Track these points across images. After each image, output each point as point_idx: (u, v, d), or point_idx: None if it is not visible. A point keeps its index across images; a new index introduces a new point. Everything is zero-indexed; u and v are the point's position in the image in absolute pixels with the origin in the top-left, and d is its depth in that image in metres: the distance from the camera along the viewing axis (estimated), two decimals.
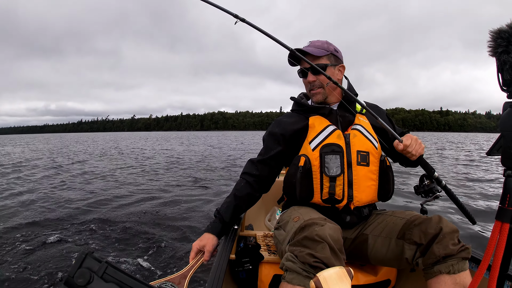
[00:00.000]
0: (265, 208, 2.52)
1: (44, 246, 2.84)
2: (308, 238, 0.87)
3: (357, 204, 1.16)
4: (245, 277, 1.31)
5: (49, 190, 5.69)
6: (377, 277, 1.28)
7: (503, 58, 0.66)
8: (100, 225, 3.47)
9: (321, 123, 1.20)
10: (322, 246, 0.84)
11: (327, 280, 0.77)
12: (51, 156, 13.87)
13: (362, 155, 1.15)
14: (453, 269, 0.91)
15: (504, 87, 0.69)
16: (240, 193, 1.25)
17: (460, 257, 0.92)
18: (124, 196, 5.06)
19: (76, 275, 0.55)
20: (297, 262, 0.84)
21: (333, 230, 0.90)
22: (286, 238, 1.04)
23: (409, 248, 1.01)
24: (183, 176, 7.26)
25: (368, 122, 1.26)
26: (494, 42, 0.67)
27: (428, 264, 0.94)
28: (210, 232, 1.21)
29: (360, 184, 1.15)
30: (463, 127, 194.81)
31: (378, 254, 1.12)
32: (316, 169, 1.14)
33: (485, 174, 7.21)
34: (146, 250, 2.76)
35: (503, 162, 0.69)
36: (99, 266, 0.56)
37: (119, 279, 0.56)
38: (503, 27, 0.66)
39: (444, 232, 0.94)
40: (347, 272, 0.81)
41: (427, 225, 0.98)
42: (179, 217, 3.78)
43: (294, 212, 1.14)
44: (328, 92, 1.23)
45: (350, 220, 1.18)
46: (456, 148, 16.38)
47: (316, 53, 1.19)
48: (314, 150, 1.15)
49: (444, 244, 0.92)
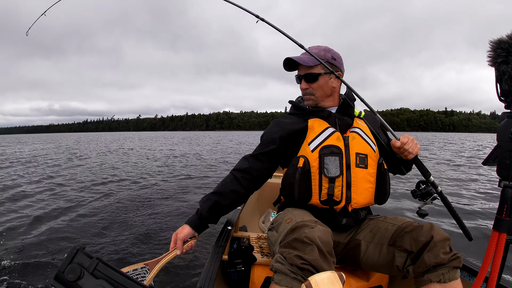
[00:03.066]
0: (260, 210, 2.51)
1: (40, 237, 2.82)
2: (297, 240, 0.87)
3: (355, 206, 1.16)
4: (237, 278, 1.31)
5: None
6: (369, 282, 1.28)
7: (502, 68, 0.66)
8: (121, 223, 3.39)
9: (320, 125, 1.21)
10: (311, 248, 0.84)
11: (318, 284, 0.77)
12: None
13: (361, 157, 1.16)
14: (444, 278, 0.89)
15: (502, 97, 0.69)
16: (223, 188, 1.18)
17: (451, 266, 0.91)
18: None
19: (66, 271, 0.54)
20: (286, 263, 0.84)
21: (323, 232, 0.90)
22: (278, 239, 1.04)
23: (399, 255, 1.01)
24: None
25: (366, 126, 1.27)
26: (494, 52, 0.68)
27: (418, 272, 0.93)
28: (187, 223, 1.17)
29: (358, 186, 1.15)
30: (467, 127, 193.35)
31: (370, 260, 1.12)
32: (315, 170, 1.14)
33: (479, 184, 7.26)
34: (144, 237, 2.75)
35: (499, 172, 0.69)
36: (90, 262, 0.56)
37: (109, 275, 0.56)
38: (503, 38, 0.66)
39: (435, 240, 0.93)
40: (339, 277, 0.81)
41: (418, 232, 0.98)
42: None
43: (288, 214, 1.14)
44: (320, 99, 1.25)
45: (346, 223, 1.18)
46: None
47: (308, 63, 1.21)
48: (314, 151, 1.15)
49: (435, 252, 0.91)
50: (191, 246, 1.16)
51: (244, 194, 1.21)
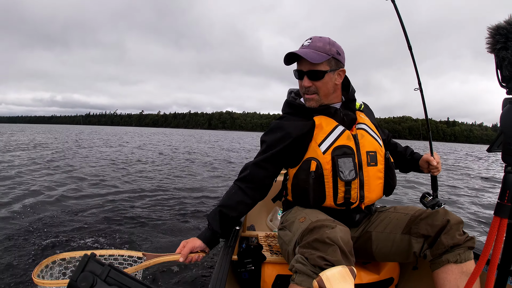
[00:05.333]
0: (267, 209, 2.52)
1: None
2: (318, 240, 0.85)
3: (368, 203, 1.19)
4: (248, 278, 1.31)
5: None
6: (380, 275, 1.28)
7: (502, 54, 0.66)
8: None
9: (328, 123, 1.15)
10: (333, 249, 0.83)
11: (330, 280, 0.77)
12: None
13: (371, 155, 1.16)
14: (460, 258, 0.95)
15: (503, 83, 0.69)
16: (229, 201, 1.16)
17: (466, 247, 0.96)
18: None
19: (79, 279, 0.55)
20: (308, 264, 0.83)
21: (344, 232, 0.89)
22: (292, 238, 1.04)
23: (416, 241, 1.04)
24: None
25: (368, 119, 1.27)
26: (493, 39, 0.67)
27: (436, 254, 0.98)
28: (199, 237, 1.15)
29: (371, 184, 1.16)
30: (469, 138, 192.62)
31: (383, 250, 1.14)
32: (328, 173, 1.10)
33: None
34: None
35: (504, 158, 0.68)
36: (102, 270, 0.56)
37: (122, 282, 0.56)
38: (501, 24, 0.66)
39: (452, 223, 0.98)
40: (350, 271, 0.81)
41: (433, 218, 1.02)
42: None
43: (300, 212, 1.13)
44: (323, 98, 1.18)
45: (359, 219, 1.20)
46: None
47: (316, 59, 1.10)
48: (325, 153, 1.10)
49: (451, 234, 0.97)
50: (197, 258, 1.13)
51: (251, 204, 1.19)
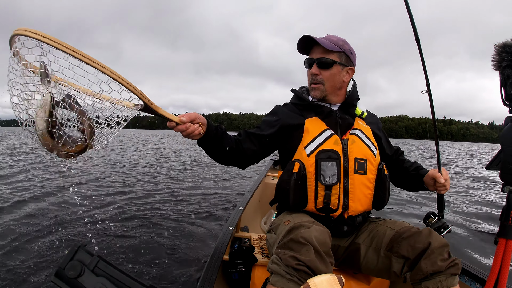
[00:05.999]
0: (262, 211, 2.51)
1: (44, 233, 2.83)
2: (293, 240, 0.86)
3: (351, 213, 1.13)
4: (238, 279, 1.31)
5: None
6: (369, 286, 1.27)
7: (507, 72, 0.66)
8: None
9: (317, 127, 1.16)
10: (307, 249, 0.83)
11: (317, 287, 0.77)
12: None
13: (360, 162, 1.12)
14: (442, 286, 0.88)
15: (507, 101, 0.68)
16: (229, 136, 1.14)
17: (449, 273, 0.89)
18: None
19: (67, 267, 0.54)
20: (281, 264, 0.84)
21: (320, 232, 0.88)
22: (276, 241, 1.03)
23: (396, 261, 0.99)
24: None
25: (369, 127, 1.23)
26: (499, 56, 0.67)
27: (415, 280, 0.92)
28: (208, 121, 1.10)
29: (356, 193, 1.12)
30: (465, 136, 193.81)
31: (369, 265, 1.11)
32: (311, 176, 1.09)
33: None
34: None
35: (502, 177, 0.68)
36: (91, 260, 0.56)
37: (110, 273, 0.56)
38: (508, 42, 0.66)
39: (433, 247, 0.91)
40: (338, 280, 0.80)
41: (415, 239, 0.96)
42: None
43: (286, 216, 1.13)
44: (328, 90, 1.18)
45: (348, 229, 1.16)
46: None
47: (328, 46, 1.12)
48: (310, 155, 1.10)
49: (432, 260, 0.90)
50: (193, 130, 1.00)
51: (231, 148, 1.12)
